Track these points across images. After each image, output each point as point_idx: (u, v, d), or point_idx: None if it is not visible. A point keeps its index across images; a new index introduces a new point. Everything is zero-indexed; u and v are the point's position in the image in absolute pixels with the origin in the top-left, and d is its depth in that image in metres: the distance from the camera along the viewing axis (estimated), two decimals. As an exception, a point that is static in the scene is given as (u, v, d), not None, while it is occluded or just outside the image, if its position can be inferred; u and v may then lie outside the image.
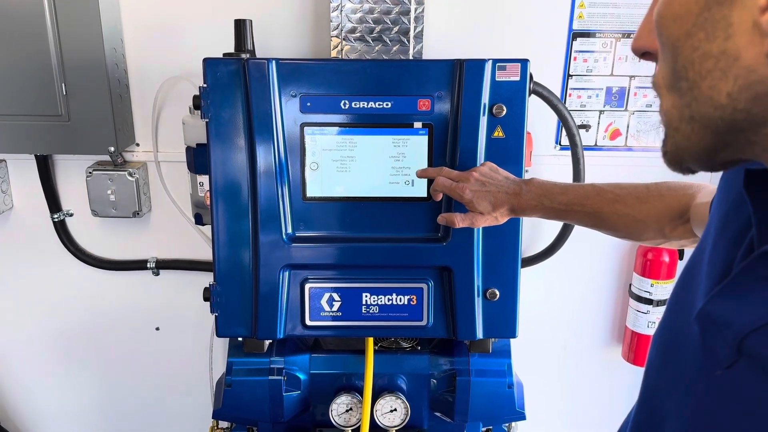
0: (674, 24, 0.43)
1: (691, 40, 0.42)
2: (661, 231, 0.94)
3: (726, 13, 0.39)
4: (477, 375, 1.35)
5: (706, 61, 0.41)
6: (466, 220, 1.08)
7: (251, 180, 1.23)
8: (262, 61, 1.19)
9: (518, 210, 1.05)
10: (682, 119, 0.45)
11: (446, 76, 1.21)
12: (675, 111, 0.46)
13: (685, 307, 0.56)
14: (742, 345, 0.44)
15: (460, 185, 1.06)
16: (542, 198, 1.02)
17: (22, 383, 1.89)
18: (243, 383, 1.35)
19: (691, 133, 0.45)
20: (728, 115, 0.42)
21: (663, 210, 0.94)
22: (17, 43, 1.42)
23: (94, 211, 1.61)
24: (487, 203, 1.05)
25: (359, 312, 1.30)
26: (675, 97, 0.45)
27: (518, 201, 1.03)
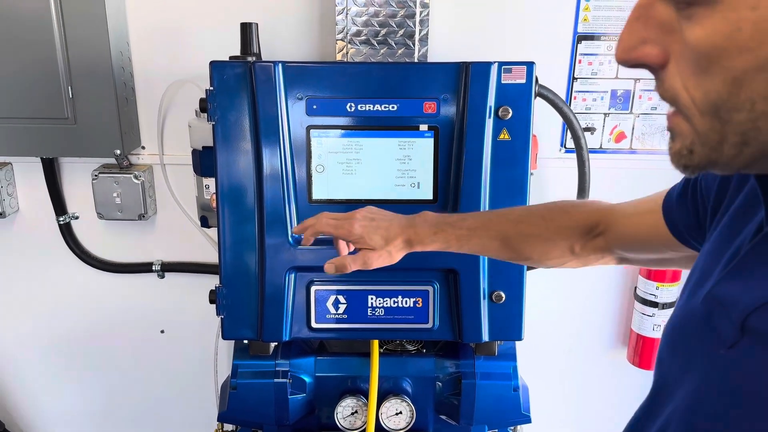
0: (740, 57, 0.39)
1: (765, 74, 0.39)
2: (570, 249, 0.90)
3: None
4: (482, 378, 1.35)
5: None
6: (357, 261, 0.97)
7: (257, 182, 1.23)
8: (269, 64, 1.19)
9: (415, 241, 0.95)
10: (726, 143, 0.43)
11: (452, 79, 1.21)
12: (716, 135, 0.43)
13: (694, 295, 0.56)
14: (745, 323, 0.45)
15: (348, 221, 0.97)
16: (441, 225, 0.95)
17: (27, 386, 1.89)
18: (248, 386, 1.35)
19: (737, 154, 0.43)
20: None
21: (570, 225, 0.90)
22: (24, 47, 1.43)
23: (100, 213, 1.61)
24: (379, 237, 0.95)
25: (365, 314, 1.30)
26: (716, 123, 0.42)
27: (414, 231, 0.95)
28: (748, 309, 0.45)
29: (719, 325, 0.48)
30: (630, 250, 0.88)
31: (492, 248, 0.95)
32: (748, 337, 0.45)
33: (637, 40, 0.45)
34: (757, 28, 0.38)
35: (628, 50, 0.46)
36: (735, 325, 0.46)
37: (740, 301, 0.46)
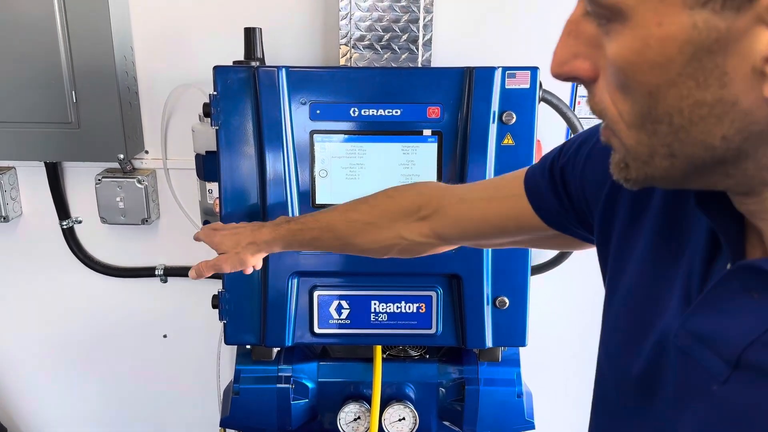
0: (651, 72, 0.40)
1: (677, 89, 0.40)
2: (397, 233, 0.89)
3: (719, 62, 0.38)
4: (486, 384, 1.34)
5: (699, 108, 0.40)
6: (209, 264, 1.05)
7: (260, 187, 1.23)
8: (272, 69, 1.19)
9: (259, 241, 1.01)
10: (656, 155, 0.43)
11: (456, 84, 1.21)
12: (644, 148, 0.44)
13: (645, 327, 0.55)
14: (740, 359, 0.44)
15: (214, 232, 1.07)
16: (280, 223, 1.00)
17: (29, 390, 1.89)
18: (251, 391, 1.35)
19: (670, 167, 0.44)
20: (719, 154, 0.41)
21: (394, 208, 0.90)
22: (28, 51, 1.43)
23: (103, 218, 1.61)
24: (229, 243, 1.03)
25: (368, 320, 1.30)
26: (643, 136, 0.43)
27: (259, 234, 1.01)
28: (742, 345, 0.44)
29: (705, 361, 0.47)
30: (465, 236, 0.87)
31: (325, 240, 0.97)
32: (741, 372, 0.45)
33: (570, 55, 0.46)
34: (663, 44, 0.39)
35: (561, 64, 0.46)
36: (728, 362, 0.45)
37: (728, 337, 0.45)
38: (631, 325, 0.58)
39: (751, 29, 0.36)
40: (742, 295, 0.45)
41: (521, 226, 0.78)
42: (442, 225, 0.86)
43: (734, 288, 0.45)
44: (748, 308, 0.44)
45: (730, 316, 0.45)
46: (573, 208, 0.70)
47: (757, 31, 0.36)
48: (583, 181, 0.67)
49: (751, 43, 0.37)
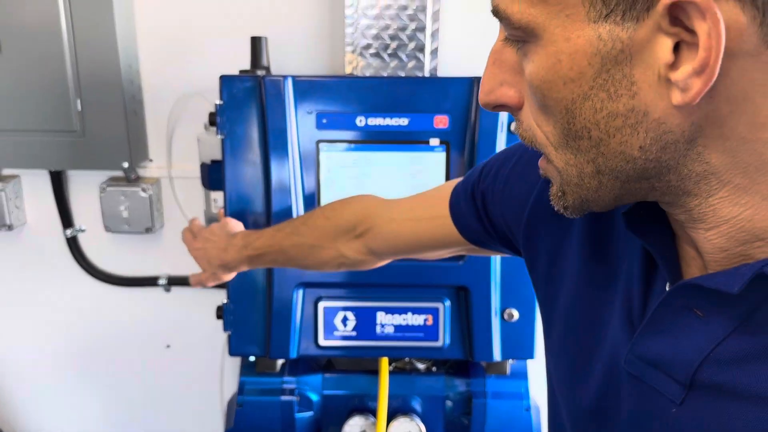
0: (566, 88, 0.41)
1: (590, 102, 0.40)
2: (338, 251, 0.93)
3: (627, 72, 0.38)
4: (493, 397, 1.32)
5: (614, 120, 0.40)
6: (196, 278, 1.13)
7: (266, 197, 1.22)
8: (278, 79, 1.18)
9: (229, 264, 1.04)
10: (585, 175, 0.44)
11: (463, 94, 1.20)
12: (573, 169, 0.44)
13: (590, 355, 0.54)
14: (694, 380, 0.44)
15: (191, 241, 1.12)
16: (243, 249, 1.02)
17: (32, 398, 1.88)
18: (255, 403, 1.33)
19: (599, 185, 0.44)
20: (640, 165, 0.41)
21: (331, 229, 0.93)
22: (33, 60, 1.43)
23: (107, 226, 1.60)
24: (204, 262, 1.08)
25: (374, 332, 1.28)
26: (569, 155, 0.44)
27: (226, 256, 1.04)
28: (694, 365, 0.44)
29: (659, 385, 0.47)
30: (398, 251, 0.90)
31: (280, 262, 1.03)
32: (697, 392, 0.44)
33: (495, 83, 0.47)
34: (573, 59, 0.39)
35: (488, 93, 0.47)
36: (682, 383, 0.45)
37: (679, 358, 0.45)
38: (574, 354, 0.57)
39: (652, 38, 0.37)
40: (686, 313, 0.44)
41: (449, 243, 0.81)
42: (375, 243, 0.89)
43: (677, 307, 0.45)
44: (694, 326, 0.44)
45: (678, 337, 0.45)
46: (496, 232, 0.72)
47: (657, 39, 0.37)
48: (503, 207, 0.68)
49: (654, 52, 0.37)
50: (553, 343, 0.61)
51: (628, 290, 0.51)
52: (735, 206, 0.41)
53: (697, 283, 0.43)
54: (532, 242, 0.64)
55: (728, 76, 0.36)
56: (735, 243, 0.42)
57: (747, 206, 0.40)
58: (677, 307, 0.45)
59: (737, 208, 0.41)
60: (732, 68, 0.36)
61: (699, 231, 0.44)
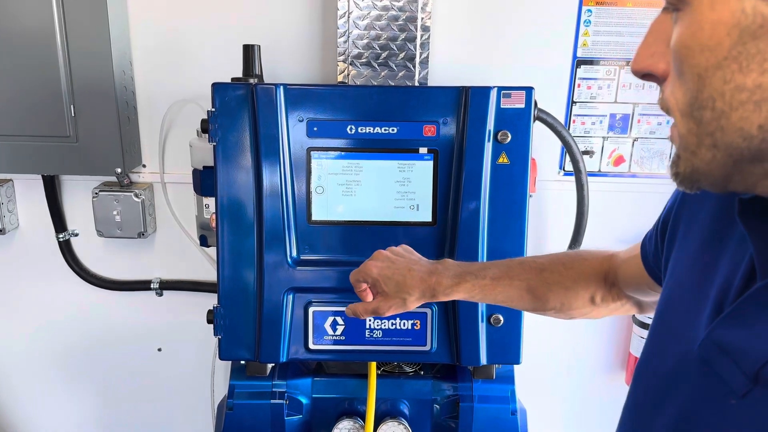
0: (701, 55, 0.42)
1: (721, 72, 0.42)
2: (591, 298, 0.89)
3: (762, 47, 0.40)
4: (480, 401, 1.34)
5: (740, 93, 0.41)
6: (368, 309, 0.93)
7: (257, 203, 1.24)
8: (270, 87, 1.20)
9: (437, 291, 0.89)
10: (702, 145, 0.45)
11: (452, 103, 1.22)
12: (693, 137, 0.46)
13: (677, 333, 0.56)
14: (760, 373, 0.45)
15: (368, 262, 0.94)
16: (463, 275, 0.89)
17: (24, 401, 1.89)
18: (245, 407, 1.35)
19: (712, 159, 0.45)
20: (755, 145, 0.42)
21: (590, 273, 0.89)
22: (28, 66, 1.44)
23: (100, 231, 1.62)
24: (393, 284, 0.90)
25: (363, 336, 1.30)
26: (692, 124, 0.45)
27: (436, 280, 0.89)
28: (763, 359, 0.45)
29: (725, 374, 0.48)
30: (636, 293, 0.87)
31: (516, 298, 0.91)
32: (761, 388, 0.45)
33: (647, 54, 0.50)
34: (714, 27, 0.41)
35: (639, 61, 0.50)
36: (747, 375, 0.46)
37: (750, 350, 0.46)
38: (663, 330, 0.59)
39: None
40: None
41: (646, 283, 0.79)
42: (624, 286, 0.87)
43: (762, 303, 0.46)
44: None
45: (755, 330, 0.46)
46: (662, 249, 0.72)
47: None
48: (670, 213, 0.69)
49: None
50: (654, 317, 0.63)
51: (728, 283, 0.52)
52: None
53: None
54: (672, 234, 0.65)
55: None
56: None
57: None
58: (762, 303, 0.46)
59: None
60: None
61: None
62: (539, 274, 0.89)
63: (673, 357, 0.55)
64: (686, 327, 0.55)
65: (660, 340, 0.59)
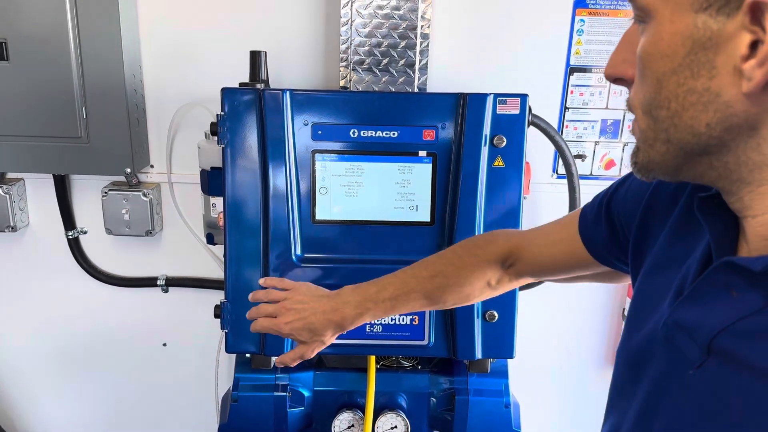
0: (661, 61, 0.49)
1: (676, 77, 0.48)
2: (487, 284, 0.96)
3: (711, 57, 0.46)
4: (475, 394, 1.40)
5: (691, 95, 0.48)
6: (296, 355, 1.02)
7: (263, 203, 1.29)
8: (277, 92, 1.26)
9: (344, 325, 0.97)
10: (657, 140, 0.52)
11: (450, 109, 1.28)
12: (651, 132, 0.52)
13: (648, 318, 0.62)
14: (711, 345, 0.51)
15: (277, 322, 0.98)
16: (364, 303, 0.96)
17: (31, 395, 1.93)
18: (249, 399, 1.39)
19: (666, 152, 0.52)
20: (703, 141, 0.49)
21: (481, 266, 0.95)
22: (41, 67, 1.49)
23: (109, 229, 1.67)
24: (306, 333, 0.97)
25: (363, 331, 1.35)
26: (650, 121, 0.52)
27: (341, 317, 0.96)
28: (713, 332, 0.51)
29: (684, 347, 0.54)
30: (542, 274, 0.96)
31: (417, 306, 0.99)
32: (714, 358, 0.51)
33: (619, 60, 0.56)
34: (672, 38, 0.48)
35: (612, 66, 0.57)
36: (701, 347, 0.51)
37: (704, 325, 0.52)
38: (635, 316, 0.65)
39: (736, 32, 0.44)
40: (722, 290, 0.51)
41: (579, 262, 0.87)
42: (523, 268, 0.94)
43: (716, 283, 0.52)
44: (726, 302, 0.51)
45: (710, 308, 0.52)
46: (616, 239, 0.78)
47: (739, 34, 0.44)
48: (624, 209, 0.76)
49: (735, 44, 0.45)
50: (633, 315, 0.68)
51: (688, 269, 0.58)
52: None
53: (734, 261, 0.50)
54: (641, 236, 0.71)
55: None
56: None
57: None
58: (716, 283, 0.52)
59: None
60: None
61: (747, 218, 0.51)
62: (432, 280, 0.96)
63: (643, 339, 0.61)
64: (654, 312, 0.60)
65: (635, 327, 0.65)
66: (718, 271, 0.52)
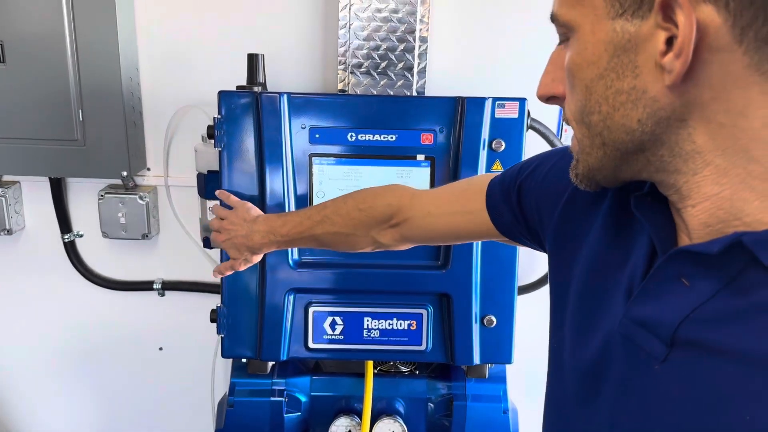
0: (588, 69, 0.51)
1: (603, 81, 0.50)
2: (373, 238, 1.01)
3: (632, 57, 0.49)
4: (473, 400, 1.39)
5: (619, 95, 0.50)
6: (227, 266, 1.18)
7: (260, 206, 1.28)
8: (274, 95, 1.25)
9: (256, 249, 1.13)
10: (594, 146, 0.54)
11: (448, 112, 1.27)
12: (587, 140, 0.54)
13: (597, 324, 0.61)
14: (674, 337, 0.51)
15: (215, 238, 1.18)
16: (269, 235, 1.09)
17: (27, 399, 1.92)
18: (245, 404, 1.39)
19: (603, 155, 0.54)
20: (637, 137, 0.51)
21: (366, 221, 1.01)
22: (38, 70, 1.48)
23: (105, 232, 1.66)
24: (234, 250, 1.15)
25: (360, 336, 1.35)
26: (585, 129, 0.54)
27: (251, 242, 1.11)
28: (674, 323, 0.51)
29: (645, 344, 0.54)
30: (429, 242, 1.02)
31: (312, 245, 1.12)
32: (678, 349, 0.51)
33: (549, 79, 0.58)
34: (595, 46, 0.51)
35: (543, 86, 0.59)
36: (664, 341, 0.51)
37: (663, 319, 0.52)
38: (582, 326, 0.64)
39: (651, 32, 0.47)
40: (674, 281, 0.52)
41: (482, 234, 0.90)
42: (410, 233, 0.98)
43: (667, 276, 0.52)
44: (680, 293, 0.51)
45: (665, 301, 0.52)
46: (526, 223, 0.80)
47: (655, 33, 0.47)
48: (539, 199, 0.77)
49: (652, 43, 0.47)
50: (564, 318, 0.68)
51: (635, 267, 0.58)
52: (716, 185, 0.49)
53: (682, 249, 0.51)
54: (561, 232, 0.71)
55: (709, 66, 0.45)
56: (716, 220, 0.50)
57: (726, 186, 0.48)
58: (667, 276, 0.52)
59: (717, 188, 0.49)
60: (713, 60, 0.45)
61: (687, 208, 0.52)
62: (321, 225, 1.04)
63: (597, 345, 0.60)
64: (604, 316, 0.60)
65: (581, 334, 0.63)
66: (670, 263, 0.52)
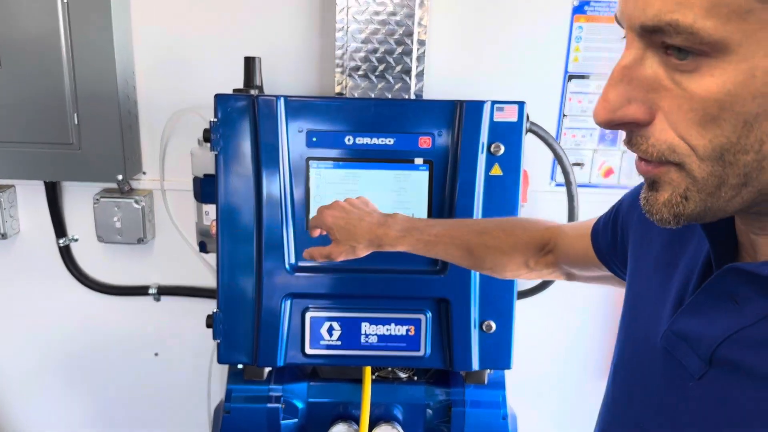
0: (754, 102, 0.42)
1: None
2: (526, 263, 0.97)
3: None
4: (472, 406, 1.38)
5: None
6: (324, 251, 1.02)
7: (257, 211, 1.27)
8: (271, 98, 1.24)
9: (384, 242, 0.98)
10: (728, 186, 0.45)
11: (447, 116, 1.26)
12: (715, 179, 0.45)
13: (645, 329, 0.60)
14: (713, 356, 0.49)
15: (325, 211, 1.02)
16: (410, 231, 0.98)
17: (21, 404, 1.90)
18: (242, 410, 1.37)
19: (734, 197, 0.46)
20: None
21: (527, 242, 0.96)
22: (33, 74, 1.47)
23: (100, 236, 1.64)
24: (345, 232, 0.99)
25: (358, 341, 1.33)
26: (717, 167, 0.45)
27: (384, 231, 0.98)
28: (715, 342, 0.49)
29: (684, 359, 0.52)
30: (572, 266, 0.95)
31: (456, 256, 0.99)
32: (716, 369, 0.49)
33: (623, 100, 0.47)
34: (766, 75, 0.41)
35: (614, 110, 0.47)
36: (703, 359, 0.50)
37: (704, 336, 0.51)
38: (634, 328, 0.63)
39: None
40: (724, 299, 0.49)
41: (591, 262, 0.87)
42: (559, 257, 0.95)
43: (718, 293, 0.50)
44: (728, 311, 0.49)
45: (711, 318, 0.50)
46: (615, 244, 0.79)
47: None
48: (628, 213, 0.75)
49: None
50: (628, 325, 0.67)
51: (688, 279, 0.56)
52: None
53: (736, 266, 0.47)
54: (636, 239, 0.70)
55: None
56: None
57: None
58: (718, 293, 0.50)
59: None
60: None
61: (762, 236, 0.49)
62: (479, 236, 0.97)
63: (641, 351, 0.60)
64: (652, 323, 0.59)
65: (631, 338, 0.63)
66: (722, 279, 0.50)
